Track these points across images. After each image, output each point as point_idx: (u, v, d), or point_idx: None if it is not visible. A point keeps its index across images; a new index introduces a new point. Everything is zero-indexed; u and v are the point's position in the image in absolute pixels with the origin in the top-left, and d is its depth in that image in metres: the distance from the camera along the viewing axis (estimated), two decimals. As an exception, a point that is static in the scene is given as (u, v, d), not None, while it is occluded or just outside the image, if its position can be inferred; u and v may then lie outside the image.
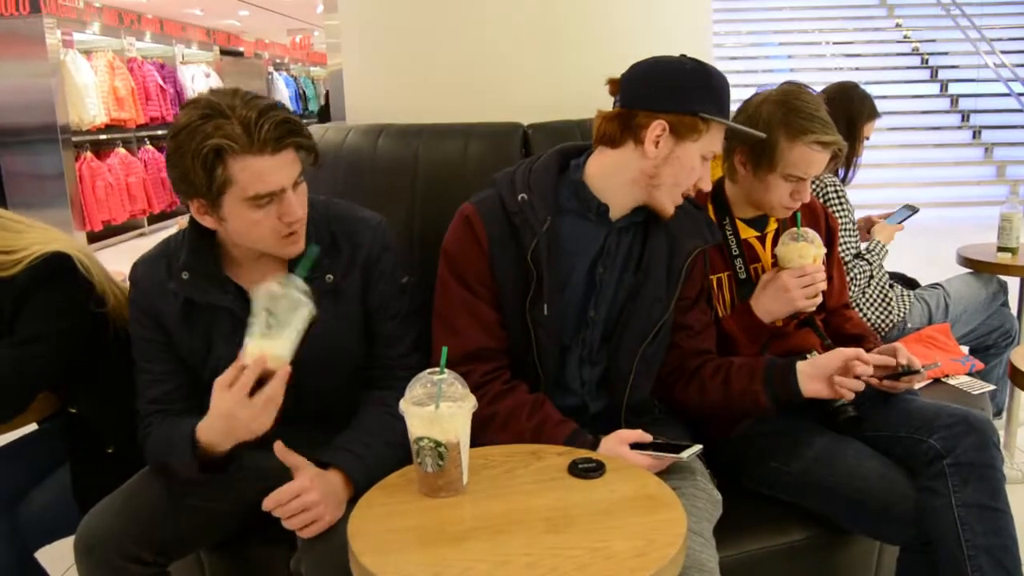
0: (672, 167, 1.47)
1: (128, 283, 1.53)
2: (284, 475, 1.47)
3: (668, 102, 1.45)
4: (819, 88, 2.60)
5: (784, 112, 1.66)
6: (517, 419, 1.46)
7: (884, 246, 2.57)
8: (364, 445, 1.41)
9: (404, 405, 1.21)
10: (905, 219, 2.75)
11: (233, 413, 1.27)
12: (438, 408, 1.19)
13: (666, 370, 1.62)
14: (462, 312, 1.51)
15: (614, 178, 1.51)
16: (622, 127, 1.48)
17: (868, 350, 1.78)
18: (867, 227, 2.72)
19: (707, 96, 1.45)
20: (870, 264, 2.49)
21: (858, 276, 2.44)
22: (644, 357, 1.54)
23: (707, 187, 1.51)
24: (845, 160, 2.57)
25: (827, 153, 1.67)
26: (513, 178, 1.54)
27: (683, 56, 1.49)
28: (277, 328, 1.26)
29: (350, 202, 1.57)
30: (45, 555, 1.79)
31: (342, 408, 1.51)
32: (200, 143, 1.28)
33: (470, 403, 1.22)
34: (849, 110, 2.58)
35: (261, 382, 1.26)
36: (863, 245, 2.56)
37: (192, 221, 1.44)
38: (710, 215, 1.76)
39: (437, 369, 1.23)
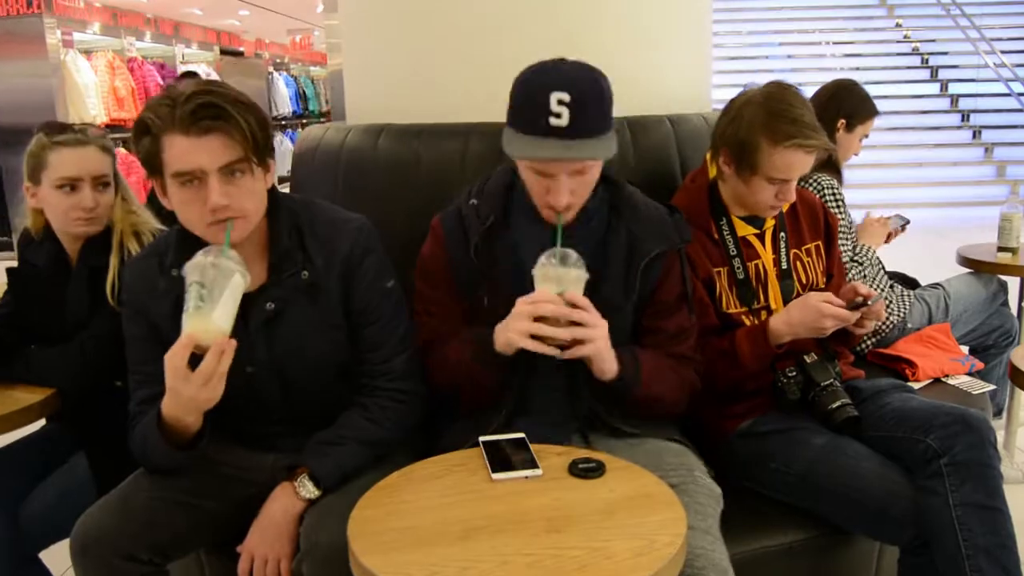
0: (522, 176, 1.48)
1: None
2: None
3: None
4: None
5: (766, 115, 1.63)
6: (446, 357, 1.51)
7: (870, 248, 2.53)
8: (333, 444, 1.45)
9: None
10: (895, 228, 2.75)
11: (175, 389, 1.27)
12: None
13: None
14: (433, 305, 1.57)
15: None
16: None
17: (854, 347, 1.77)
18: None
19: (514, 108, 1.40)
20: (863, 267, 2.47)
21: (855, 279, 2.41)
22: None
23: (557, 204, 1.41)
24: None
25: (811, 155, 1.65)
26: (472, 188, 1.59)
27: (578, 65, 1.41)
28: (209, 302, 1.23)
29: (335, 205, 1.57)
30: (46, 555, 1.80)
31: (339, 411, 1.51)
32: (136, 119, 1.33)
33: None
34: (844, 109, 2.55)
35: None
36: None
37: None
38: (707, 214, 1.76)
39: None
